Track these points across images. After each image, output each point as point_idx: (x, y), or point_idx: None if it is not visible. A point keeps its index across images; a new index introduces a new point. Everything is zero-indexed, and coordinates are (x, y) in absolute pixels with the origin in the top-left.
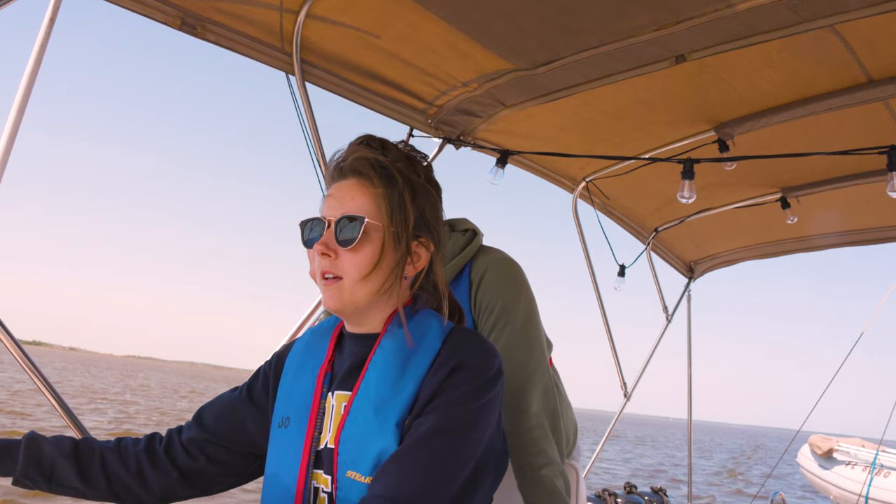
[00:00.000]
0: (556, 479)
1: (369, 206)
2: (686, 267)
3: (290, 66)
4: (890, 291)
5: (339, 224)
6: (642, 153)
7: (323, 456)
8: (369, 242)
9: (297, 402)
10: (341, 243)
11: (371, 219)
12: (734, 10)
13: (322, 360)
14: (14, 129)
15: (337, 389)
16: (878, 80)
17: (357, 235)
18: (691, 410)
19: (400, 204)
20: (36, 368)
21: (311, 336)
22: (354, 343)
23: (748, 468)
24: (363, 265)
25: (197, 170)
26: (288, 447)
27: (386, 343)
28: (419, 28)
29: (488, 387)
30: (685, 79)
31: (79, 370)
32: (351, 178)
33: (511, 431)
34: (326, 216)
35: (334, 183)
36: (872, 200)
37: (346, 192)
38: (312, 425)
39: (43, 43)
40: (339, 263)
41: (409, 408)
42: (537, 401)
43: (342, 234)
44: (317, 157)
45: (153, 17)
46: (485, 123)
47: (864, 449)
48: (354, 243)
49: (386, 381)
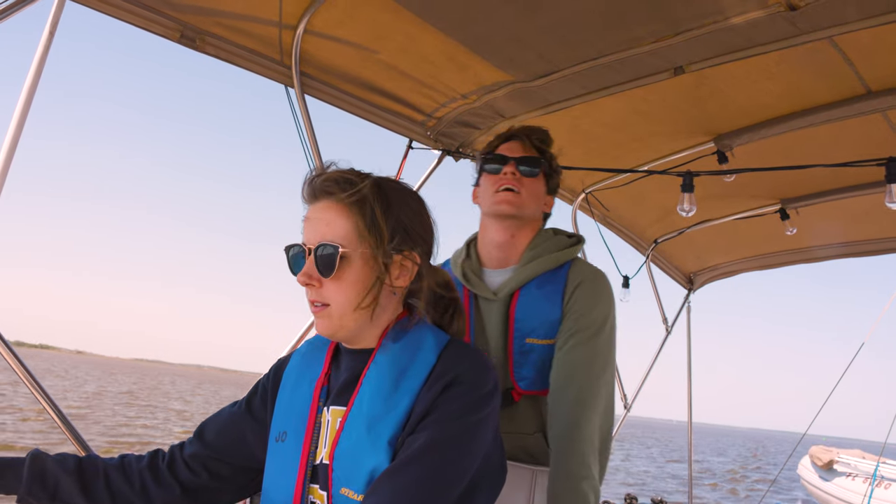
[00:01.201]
0: (589, 494)
1: (344, 229)
2: (686, 278)
3: (290, 78)
4: (893, 298)
5: (317, 252)
6: (641, 164)
7: (318, 471)
8: (349, 268)
9: (293, 417)
10: (322, 273)
11: (346, 243)
12: (732, 22)
13: (318, 374)
14: (15, 137)
15: (332, 405)
16: (876, 91)
17: (335, 265)
18: (691, 422)
19: (373, 222)
20: (36, 382)
21: (309, 348)
22: (350, 358)
23: (749, 472)
24: (348, 291)
25: (196, 173)
26: (285, 462)
27: (380, 358)
28: (418, 40)
29: (485, 401)
30: (684, 90)
31: (107, 376)
32: (322, 199)
33: (563, 438)
34: (306, 243)
35: (309, 205)
36: (871, 212)
37: (321, 215)
38: (309, 440)
39: (43, 55)
40: (324, 292)
41: (403, 424)
42: (597, 417)
43: (322, 263)
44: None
45: (152, 30)
46: (484, 135)
47: (865, 461)
48: (334, 272)
49: (379, 396)
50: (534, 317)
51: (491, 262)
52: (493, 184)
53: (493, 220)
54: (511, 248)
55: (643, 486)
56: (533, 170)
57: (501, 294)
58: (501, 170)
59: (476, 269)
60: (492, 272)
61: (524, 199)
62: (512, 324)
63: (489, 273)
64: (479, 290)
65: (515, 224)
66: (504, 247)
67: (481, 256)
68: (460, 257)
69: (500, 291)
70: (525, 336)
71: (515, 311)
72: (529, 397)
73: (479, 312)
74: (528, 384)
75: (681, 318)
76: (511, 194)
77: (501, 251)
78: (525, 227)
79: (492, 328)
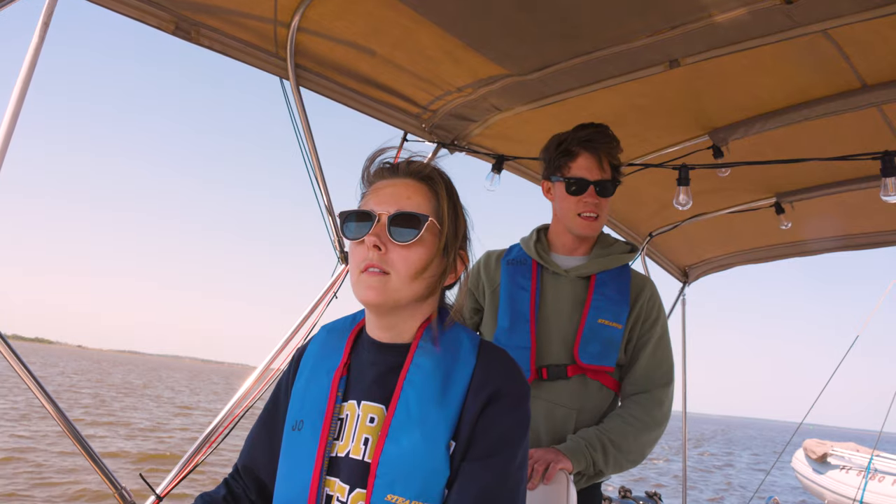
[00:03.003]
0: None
1: (427, 208)
2: (681, 271)
3: (285, 70)
4: (887, 292)
5: (394, 219)
6: (636, 158)
7: (341, 464)
8: (423, 244)
9: (310, 406)
10: (396, 238)
11: (432, 220)
12: (728, 15)
13: (337, 364)
14: (9, 130)
15: (364, 399)
16: (871, 85)
17: (417, 233)
18: (685, 416)
19: (454, 214)
20: (41, 388)
21: (328, 336)
22: (377, 351)
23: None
24: (414, 265)
25: (188, 173)
26: (301, 452)
27: (421, 360)
28: (414, 34)
29: (527, 405)
30: (679, 84)
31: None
32: (407, 178)
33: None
34: (377, 210)
35: (383, 180)
36: (867, 205)
37: (402, 190)
38: (326, 431)
39: (37, 47)
40: (388, 258)
41: (453, 430)
42: (669, 400)
43: (398, 230)
44: (311, 161)
45: (147, 21)
46: (479, 128)
47: (859, 453)
48: (412, 241)
49: (430, 401)
50: (607, 302)
51: (560, 250)
52: (575, 205)
53: (573, 233)
54: (581, 242)
55: (638, 481)
56: (609, 191)
57: (572, 274)
58: (583, 193)
59: (546, 250)
60: (559, 257)
61: (602, 220)
62: (589, 302)
63: (556, 256)
64: (549, 266)
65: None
66: (575, 241)
67: (552, 243)
68: (532, 240)
69: (571, 272)
70: (598, 316)
71: (593, 294)
72: (578, 377)
73: (544, 286)
74: (590, 359)
75: (676, 311)
76: (593, 221)
77: (572, 244)
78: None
79: (564, 304)
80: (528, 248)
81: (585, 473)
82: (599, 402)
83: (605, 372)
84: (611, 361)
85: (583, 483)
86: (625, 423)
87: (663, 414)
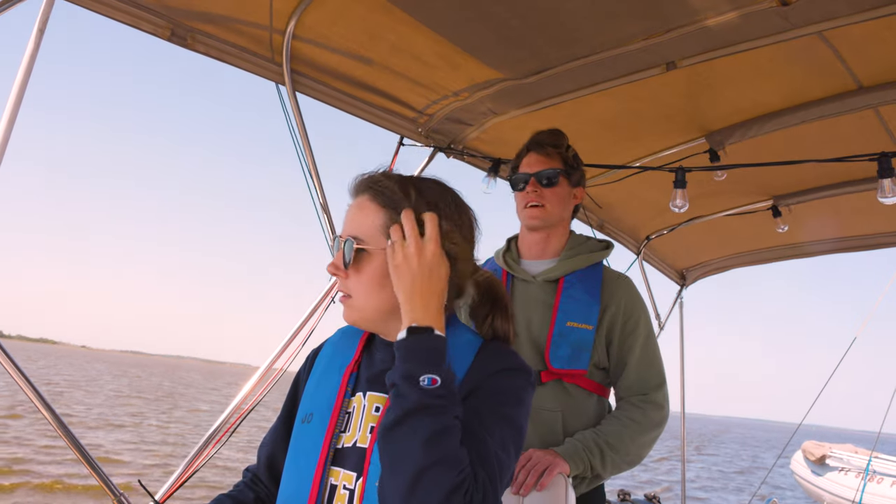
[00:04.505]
0: (642, 430)
1: (371, 225)
2: (678, 274)
3: (281, 76)
4: (885, 293)
5: (345, 245)
6: (633, 161)
7: (348, 454)
8: (369, 262)
9: (321, 400)
10: (345, 264)
11: (369, 238)
12: (724, 17)
13: (349, 361)
14: (6, 136)
15: (370, 390)
16: (868, 87)
17: (351, 258)
18: (684, 419)
19: (395, 220)
20: (39, 395)
21: (342, 337)
22: (387, 349)
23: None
24: (365, 284)
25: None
26: (308, 442)
27: None
28: (410, 39)
29: (531, 384)
30: (676, 87)
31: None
32: (357, 196)
33: (639, 407)
34: (341, 234)
35: (351, 199)
36: (863, 208)
37: (354, 210)
38: (334, 423)
39: (32, 53)
40: (348, 283)
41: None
42: (665, 400)
43: (347, 255)
44: (308, 167)
45: (142, 28)
46: (475, 132)
47: (857, 455)
48: (351, 265)
49: None
50: (576, 303)
51: (528, 255)
52: (521, 201)
53: (527, 229)
54: (546, 244)
55: (637, 482)
56: (552, 180)
57: (540, 279)
58: (525, 187)
59: (515, 259)
60: (529, 262)
61: (549, 210)
62: (556, 306)
63: (526, 263)
64: (518, 274)
65: (546, 229)
66: (540, 244)
67: (521, 250)
68: (502, 250)
69: (539, 277)
70: (567, 319)
71: (561, 297)
72: (554, 382)
73: (516, 293)
74: (561, 363)
75: (674, 314)
76: (536, 210)
77: (538, 247)
78: (556, 228)
79: (534, 309)
80: (498, 258)
81: (583, 476)
82: (582, 402)
83: (581, 375)
84: (582, 364)
85: (583, 487)
86: (622, 425)
87: (661, 415)
